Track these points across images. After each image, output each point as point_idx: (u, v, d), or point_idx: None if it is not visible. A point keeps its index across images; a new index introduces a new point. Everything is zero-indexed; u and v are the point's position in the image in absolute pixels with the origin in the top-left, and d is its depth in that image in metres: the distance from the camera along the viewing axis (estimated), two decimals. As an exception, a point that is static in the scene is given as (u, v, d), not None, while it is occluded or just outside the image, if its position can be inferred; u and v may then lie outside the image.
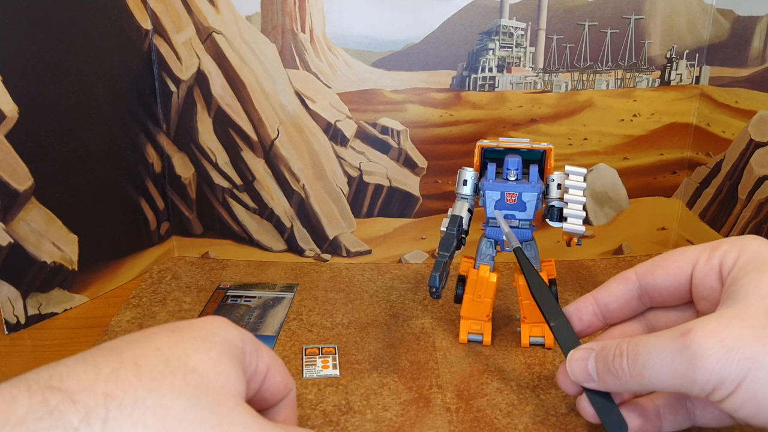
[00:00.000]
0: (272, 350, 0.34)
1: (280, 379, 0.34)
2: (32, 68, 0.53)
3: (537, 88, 0.66)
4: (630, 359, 0.33)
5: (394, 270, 0.68)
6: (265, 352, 0.33)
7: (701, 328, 0.30)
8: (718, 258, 0.36)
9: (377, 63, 0.64)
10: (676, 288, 0.38)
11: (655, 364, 0.31)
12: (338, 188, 0.68)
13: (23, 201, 0.54)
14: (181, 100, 0.65)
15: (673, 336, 0.31)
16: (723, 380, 0.29)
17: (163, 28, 0.63)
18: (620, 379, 0.34)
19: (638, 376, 0.32)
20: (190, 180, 0.68)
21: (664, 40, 0.65)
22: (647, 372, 0.32)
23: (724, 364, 0.29)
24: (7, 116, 0.52)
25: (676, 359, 0.31)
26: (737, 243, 0.36)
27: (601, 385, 0.36)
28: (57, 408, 0.23)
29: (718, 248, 0.36)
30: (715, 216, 0.65)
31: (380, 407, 0.45)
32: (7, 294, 0.55)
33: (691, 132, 0.68)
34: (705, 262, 0.36)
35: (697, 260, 0.37)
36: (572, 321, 0.41)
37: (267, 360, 0.33)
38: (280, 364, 0.34)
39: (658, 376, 0.32)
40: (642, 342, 0.33)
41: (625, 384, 0.34)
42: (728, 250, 0.36)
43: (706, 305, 0.37)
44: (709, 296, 0.36)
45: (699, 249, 0.38)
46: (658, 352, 0.31)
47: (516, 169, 0.50)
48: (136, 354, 0.27)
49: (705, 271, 0.36)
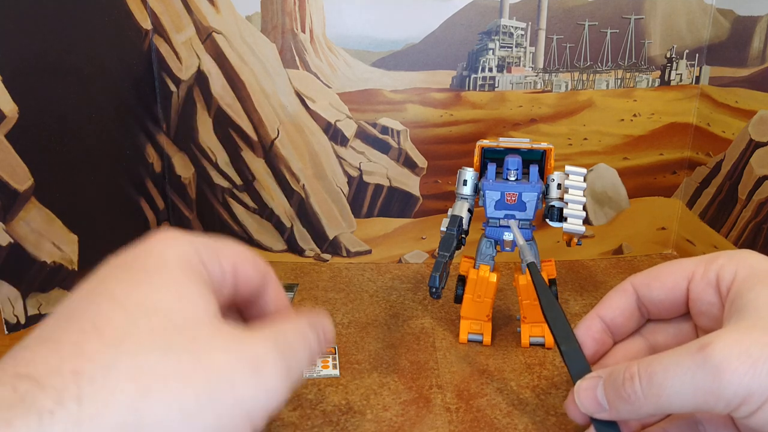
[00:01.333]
0: (233, 243, 0.32)
1: (251, 270, 0.32)
2: (32, 68, 0.53)
3: (537, 88, 0.66)
4: (644, 381, 0.31)
5: (394, 270, 0.68)
6: (225, 252, 0.31)
7: (721, 340, 0.29)
8: (715, 272, 0.35)
9: (377, 63, 0.64)
10: (672, 302, 0.38)
11: (674, 383, 0.29)
12: (338, 188, 0.68)
13: (23, 201, 0.54)
14: (181, 100, 0.65)
15: (691, 350, 0.29)
16: (751, 393, 0.28)
17: (163, 27, 0.63)
18: (633, 404, 0.31)
19: (654, 397, 0.30)
20: (190, 180, 0.68)
21: (664, 40, 0.65)
22: (665, 392, 0.30)
23: (752, 376, 0.27)
24: (7, 116, 0.52)
25: (698, 374, 0.29)
26: (734, 257, 0.35)
27: (612, 414, 0.33)
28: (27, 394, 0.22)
29: (713, 262, 0.36)
30: (715, 216, 0.65)
31: (380, 407, 0.45)
32: (7, 294, 0.55)
33: (691, 132, 0.68)
34: (701, 276, 0.36)
35: (693, 274, 0.36)
36: (585, 343, 0.39)
37: (230, 258, 0.31)
38: (246, 254, 0.32)
39: (677, 395, 0.29)
40: (656, 361, 0.31)
41: (639, 409, 0.31)
42: (725, 264, 0.35)
43: (706, 321, 0.36)
44: (708, 311, 0.36)
45: (694, 262, 0.37)
46: (676, 369, 0.30)
47: (516, 169, 0.50)
48: (95, 317, 0.25)
49: (702, 285, 0.36)
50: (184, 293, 0.27)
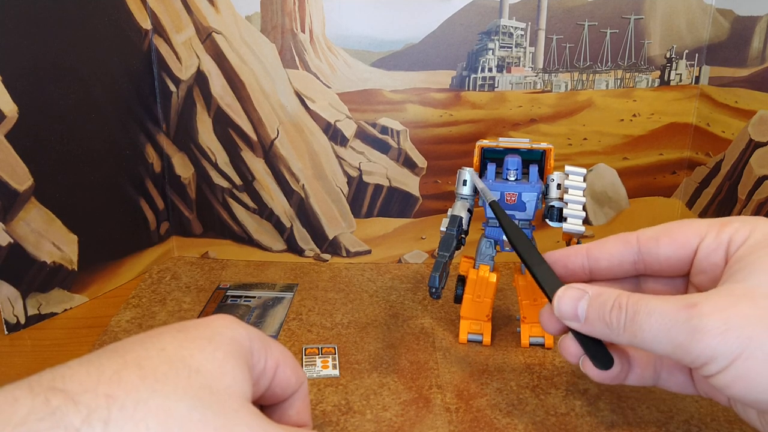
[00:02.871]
0: (281, 345, 0.34)
1: (291, 374, 0.33)
2: (32, 68, 0.53)
3: (537, 88, 0.66)
4: (629, 316, 0.33)
5: (394, 270, 0.68)
6: (274, 348, 0.33)
7: (708, 304, 0.30)
8: (728, 234, 0.35)
9: (377, 63, 0.64)
10: (679, 259, 0.37)
11: (653, 327, 0.31)
12: (338, 188, 0.68)
13: (23, 201, 0.54)
14: (180, 100, 0.65)
15: (678, 305, 0.31)
16: (717, 356, 0.29)
17: (163, 28, 0.63)
18: (612, 330, 0.33)
19: (632, 333, 0.32)
20: (190, 180, 0.68)
21: (663, 40, 0.65)
22: (642, 333, 0.32)
23: (721, 341, 0.29)
24: (7, 116, 0.52)
25: (676, 328, 0.30)
26: (749, 222, 0.35)
27: (585, 328, 0.35)
28: (59, 409, 0.23)
29: (728, 225, 0.35)
30: (715, 216, 0.65)
31: (380, 407, 0.45)
32: (7, 294, 0.55)
33: (691, 132, 0.68)
34: (714, 236, 0.36)
35: (706, 234, 0.36)
36: (556, 267, 0.40)
37: (276, 356, 0.33)
38: (290, 359, 0.34)
39: (652, 339, 0.31)
40: (643, 302, 0.32)
41: (615, 337, 0.33)
42: (739, 228, 0.35)
43: (704, 279, 0.36)
44: (710, 271, 0.36)
45: (708, 223, 0.37)
46: (659, 317, 0.31)
47: (516, 169, 0.50)
48: (140, 355, 0.27)
49: (713, 246, 0.35)
50: (227, 368, 0.28)
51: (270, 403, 0.34)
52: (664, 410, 0.45)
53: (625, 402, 0.46)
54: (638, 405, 0.45)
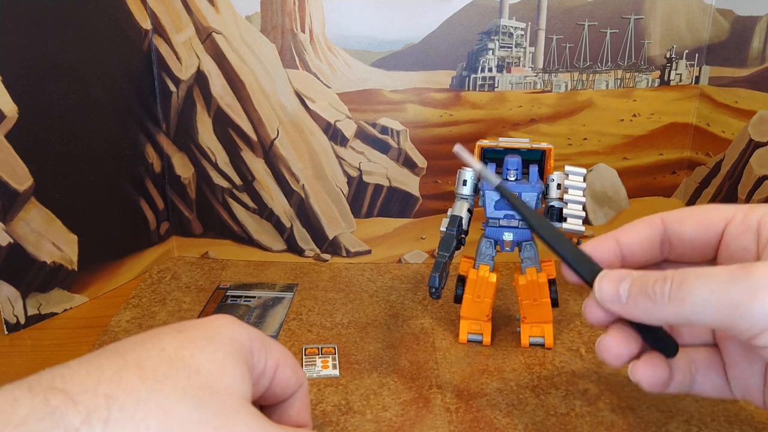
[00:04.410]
0: (281, 345, 0.34)
1: (291, 374, 0.33)
2: (32, 68, 0.53)
3: (537, 88, 0.66)
4: (675, 283, 0.30)
5: (394, 270, 0.68)
6: (274, 349, 0.33)
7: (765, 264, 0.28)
8: (756, 218, 0.34)
9: (377, 63, 0.64)
10: (704, 241, 0.36)
11: (703, 290, 0.29)
12: (338, 188, 0.68)
13: (23, 201, 0.54)
14: (180, 100, 0.65)
15: (731, 268, 0.29)
16: None
17: (163, 28, 0.63)
18: (655, 303, 0.31)
19: (679, 301, 0.30)
20: (190, 180, 0.68)
21: (663, 40, 0.65)
22: (692, 298, 0.29)
23: None
24: (7, 116, 0.52)
25: (732, 287, 0.28)
26: None
27: (627, 309, 0.33)
28: (58, 409, 0.23)
29: (754, 209, 0.35)
30: (715, 216, 0.65)
31: (380, 407, 0.45)
32: (7, 294, 0.55)
33: (691, 132, 0.68)
34: (741, 219, 0.35)
35: (733, 217, 0.35)
36: None
37: (276, 356, 0.33)
38: (290, 359, 0.34)
39: (703, 305, 0.29)
40: (691, 270, 0.30)
41: (659, 311, 0.31)
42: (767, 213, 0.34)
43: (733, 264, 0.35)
44: (741, 257, 0.34)
45: (733, 207, 0.36)
46: (710, 279, 0.29)
47: (516, 169, 0.50)
48: (141, 355, 0.27)
49: (741, 228, 0.34)
50: (228, 368, 0.28)
51: (270, 403, 0.34)
52: (664, 410, 0.45)
53: (625, 402, 0.46)
54: (638, 405, 0.45)
